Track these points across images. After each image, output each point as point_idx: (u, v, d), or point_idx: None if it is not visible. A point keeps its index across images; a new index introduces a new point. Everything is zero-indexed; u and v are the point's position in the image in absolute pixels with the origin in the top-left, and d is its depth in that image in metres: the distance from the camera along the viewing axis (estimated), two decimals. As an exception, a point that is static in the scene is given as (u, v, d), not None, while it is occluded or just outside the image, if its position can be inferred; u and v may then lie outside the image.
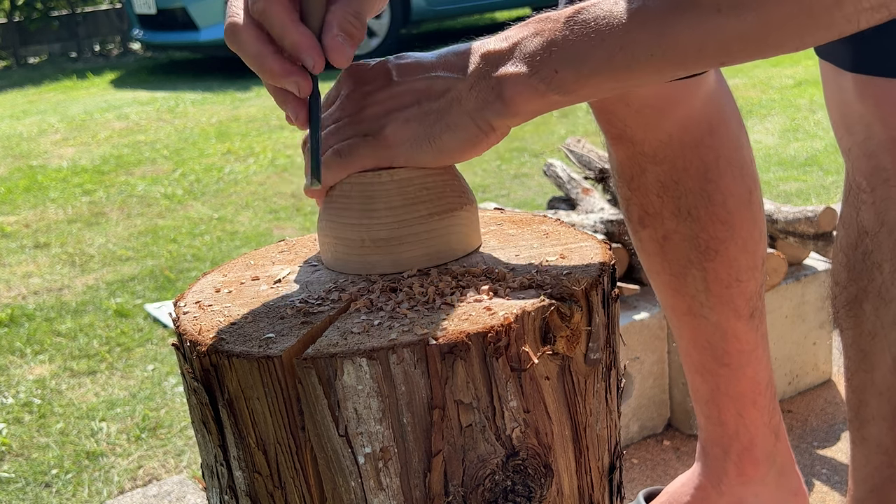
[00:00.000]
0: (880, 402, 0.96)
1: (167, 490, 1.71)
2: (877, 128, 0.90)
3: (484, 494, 0.63)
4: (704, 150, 1.08)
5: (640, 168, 1.09)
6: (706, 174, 1.08)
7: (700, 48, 0.66)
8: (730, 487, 1.20)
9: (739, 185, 1.10)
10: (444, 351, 0.59)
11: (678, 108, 1.05)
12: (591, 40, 0.67)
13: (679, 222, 1.09)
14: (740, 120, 1.13)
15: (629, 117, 1.05)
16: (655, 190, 1.09)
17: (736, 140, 1.11)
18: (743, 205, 1.10)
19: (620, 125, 1.07)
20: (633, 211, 1.12)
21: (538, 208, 3.02)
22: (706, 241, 1.09)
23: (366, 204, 0.71)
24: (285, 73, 0.69)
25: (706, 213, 1.08)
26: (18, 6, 9.02)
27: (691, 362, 1.18)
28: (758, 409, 1.17)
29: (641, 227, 1.13)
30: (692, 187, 1.08)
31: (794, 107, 4.44)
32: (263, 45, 0.69)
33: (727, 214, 1.09)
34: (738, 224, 1.09)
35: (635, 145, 1.08)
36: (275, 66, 0.69)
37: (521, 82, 0.68)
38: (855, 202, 0.95)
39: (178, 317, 0.69)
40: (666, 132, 1.06)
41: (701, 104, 1.07)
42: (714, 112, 1.09)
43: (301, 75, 0.69)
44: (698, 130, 1.07)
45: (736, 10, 0.64)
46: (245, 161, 4.31)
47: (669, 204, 1.09)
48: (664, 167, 1.08)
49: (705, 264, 1.10)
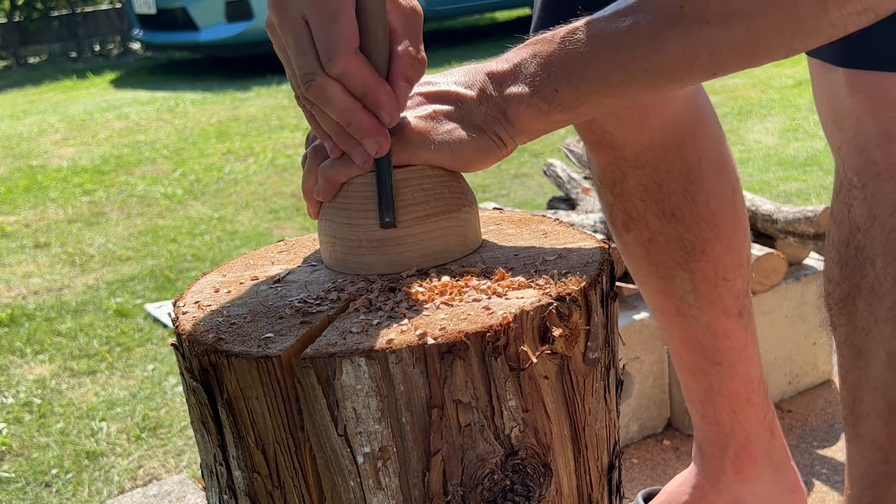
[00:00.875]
0: (875, 398, 0.96)
1: (167, 490, 1.71)
2: (867, 122, 0.90)
3: (483, 494, 0.63)
4: (686, 150, 1.08)
5: (622, 173, 1.09)
6: (689, 175, 1.08)
7: (691, 61, 0.68)
8: (728, 486, 1.20)
9: (722, 184, 1.10)
10: (442, 350, 0.60)
11: (660, 111, 1.05)
12: (586, 60, 0.69)
13: (664, 224, 1.09)
14: (717, 119, 1.14)
15: (609, 122, 1.05)
16: (638, 194, 1.09)
17: (716, 139, 1.11)
18: (726, 204, 1.10)
19: (600, 131, 1.07)
20: (617, 216, 1.13)
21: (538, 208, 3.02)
22: (692, 241, 1.09)
23: (364, 204, 0.71)
24: (375, 129, 0.69)
25: (690, 214, 1.08)
26: (18, 6, 9.02)
27: (683, 363, 1.18)
28: (752, 406, 1.17)
29: (626, 232, 1.13)
30: (675, 189, 1.08)
31: (794, 107, 4.44)
32: (353, 100, 0.68)
33: (711, 214, 1.09)
34: (723, 223, 1.10)
35: (616, 150, 1.08)
36: (365, 121, 0.68)
37: (525, 102, 0.71)
38: (846, 199, 0.95)
39: (177, 317, 0.69)
40: (647, 136, 1.06)
41: (681, 106, 1.07)
42: (694, 113, 1.09)
43: (385, 134, 0.69)
44: (679, 132, 1.07)
45: (725, 21, 0.66)
46: (245, 161, 4.31)
47: (653, 207, 1.09)
48: (646, 171, 1.08)
49: (692, 265, 1.10)
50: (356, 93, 0.68)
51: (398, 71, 0.70)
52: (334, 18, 0.66)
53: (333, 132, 0.70)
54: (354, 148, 0.70)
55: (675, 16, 0.67)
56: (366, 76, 0.68)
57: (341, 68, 0.67)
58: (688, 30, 0.66)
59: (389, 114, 0.69)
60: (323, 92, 0.68)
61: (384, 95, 0.68)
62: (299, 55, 0.68)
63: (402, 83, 0.70)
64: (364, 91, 0.68)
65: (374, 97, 0.68)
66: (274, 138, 4.71)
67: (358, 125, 0.68)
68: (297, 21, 0.68)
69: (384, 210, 0.70)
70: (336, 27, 0.66)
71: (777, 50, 0.68)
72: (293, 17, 0.68)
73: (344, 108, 0.68)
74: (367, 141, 0.69)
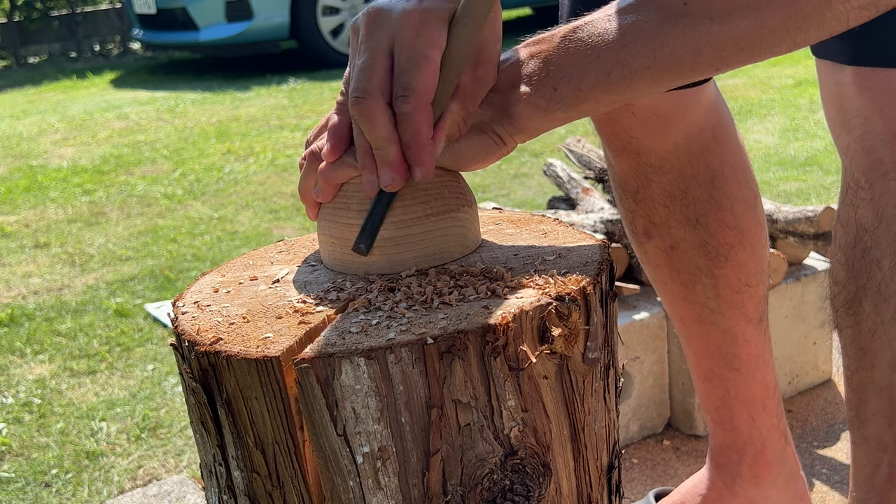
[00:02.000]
0: (881, 400, 0.96)
1: (167, 490, 1.71)
2: (875, 121, 0.89)
3: (482, 494, 0.63)
4: (710, 156, 1.07)
5: (646, 179, 1.08)
6: (713, 181, 1.08)
7: (694, 57, 0.67)
8: (744, 489, 1.21)
9: (745, 190, 1.10)
10: (441, 350, 0.60)
11: (684, 116, 1.05)
12: (587, 57, 0.69)
13: (687, 231, 1.09)
14: (735, 126, 1.14)
15: (635, 127, 1.05)
16: (662, 200, 1.09)
17: (738, 145, 1.11)
18: (749, 209, 1.10)
19: (625, 136, 1.06)
20: (639, 222, 1.12)
21: (538, 208, 3.02)
22: (715, 247, 1.09)
23: (364, 204, 0.71)
24: (399, 166, 0.69)
25: (715, 220, 1.08)
26: (18, 6, 9.02)
27: (701, 370, 1.18)
28: (768, 412, 1.17)
29: (647, 239, 1.12)
30: (700, 195, 1.08)
31: (794, 106, 4.44)
32: (393, 131, 0.68)
33: (735, 220, 1.08)
34: (746, 228, 1.09)
35: (640, 156, 1.07)
36: (394, 154, 0.68)
37: (524, 101, 0.71)
38: (853, 200, 0.95)
39: (176, 317, 0.69)
40: (672, 141, 1.06)
41: (704, 111, 1.07)
42: (716, 118, 1.09)
43: (404, 174, 0.69)
44: (703, 138, 1.07)
45: (728, 17, 0.65)
46: (245, 161, 4.31)
47: (677, 213, 1.08)
48: (670, 177, 1.07)
49: (715, 271, 1.09)
50: (404, 137, 0.68)
51: (444, 126, 0.70)
52: (424, 64, 0.67)
53: (360, 149, 0.70)
54: (371, 172, 0.70)
55: (678, 12, 0.66)
56: (423, 130, 0.68)
57: (409, 110, 0.67)
58: (691, 26, 0.66)
59: (423, 174, 0.69)
60: (369, 113, 0.68)
61: (427, 155, 0.69)
62: (366, 71, 0.68)
63: (442, 140, 0.70)
64: (413, 140, 0.68)
65: (419, 152, 0.68)
66: (274, 138, 4.71)
67: (386, 156, 0.68)
68: (382, 42, 0.69)
69: (363, 236, 0.70)
70: (424, 71, 0.67)
71: (780, 45, 0.67)
72: (381, 38, 0.69)
73: (383, 135, 0.68)
74: (384, 171, 0.69)
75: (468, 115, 0.71)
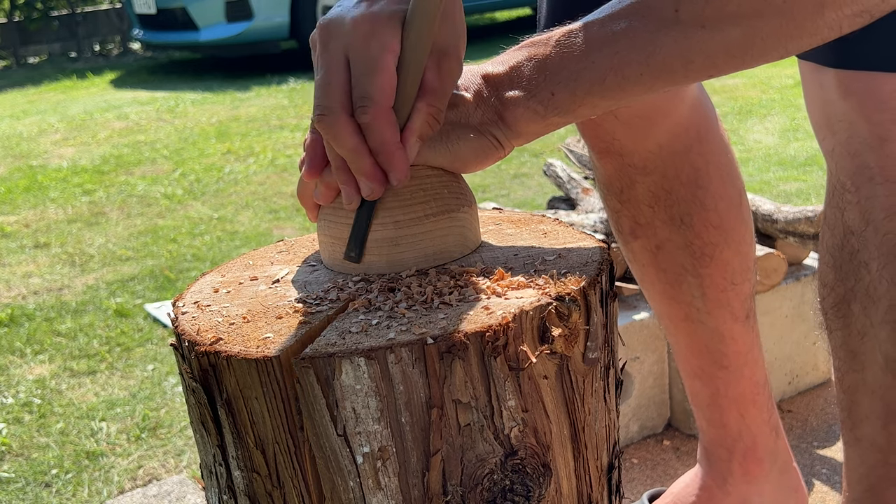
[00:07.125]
0: (872, 401, 0.96)
1: (167, 490, 1.71)
2: (860, 125, 0.89)
3: (482, 494, 0.63)
4: (694, 156, 1.08)
5: (630, 180, 1.09)
6: (697, 180, 1.08)
7: (687, 64, 0.68)
8: (735, 487, 1.21)
9: (730, 188, 1.10)
10: (442, 350, 0.60)
11: (667, 117, 1.05)
12: (582, 63, 0.69)
13: (672, 231, 1.09)
14: (721, 122, 1.14)
15: (618, 129, 1.05)
16: (647, 200, 1.09)
17: (722, 144, 1.11)
18: (734, 208, 1.10)
19: (608, 138, 1.07)
20: (624, 223, 1.12)
21: (538, 208, 3.02)
22: (700, 247, 1.09)
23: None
24: (374, 175, 0.69)
25: (699, 220, 1.08)
26: (18, 6, 9.02)
27: (689, 368, 1.18)
28: (758, 408, 1.17)
29: (633, 239, 1.12)
30: (684, 195, 1.08)
31: (794, 106, 4.44)
32: (360, 141, 0.68)
33: (719, 219, 1.09)
34: (731, 227, 1.10)
35: (624, 157, 1.08)
36: (367, 164, 0.69)
37: (521, 105, 0.71)
38: (839, 203, 0.95)
39: (176, 317, 0.69)
40: (655, 142, 1.06)
41: (688, 110, 1.07)
42: (700, 116, 1.09)
43: (381, 181, 0.69)
44: (687, 137, 1.07)
45: (720, 24, 0.66)
46: (245, 161, 4.31)
47: (661, 213, 1.09)
48: (654, 177, 1.08)
49: (700, 270, 1.10)
50: (372, 146, 0.68)
51: (413, 127, 0.70)
52: (378, 71, 0.67)
53: (334, 164, 0.70)
54: (349, 185, 0.70)
55: (670, 19, 0.67)
56: (388, 136, 0.68)
57: (369, 120, 0.67)
58: (683, 33, 0.67)
59: (398, 178, 0.69)
60: (332, 129, 0.68)
61: (398, 160, 0.69)
62: (325, 87, 0.68)
63: (413, 141, 0.70)
64: (381, 149, 0.68)
65: (389, 158, 0.69)
66: (274, 138, 4.71)
67: (359, 168, 0.69)
68: (337, 55, 0.69)
69: (353, 245, 0.70)
70: (378, 79, 0.67)
71: (772, 52, 0.68)
72: (335, 50, 0.69)
73: (351, 148, 0.68)
74: (362, 182, 0.69)
75: (438, 110, 0.70)
